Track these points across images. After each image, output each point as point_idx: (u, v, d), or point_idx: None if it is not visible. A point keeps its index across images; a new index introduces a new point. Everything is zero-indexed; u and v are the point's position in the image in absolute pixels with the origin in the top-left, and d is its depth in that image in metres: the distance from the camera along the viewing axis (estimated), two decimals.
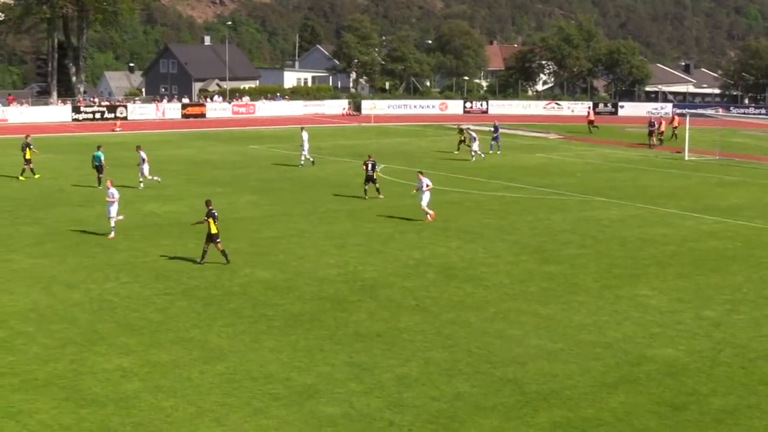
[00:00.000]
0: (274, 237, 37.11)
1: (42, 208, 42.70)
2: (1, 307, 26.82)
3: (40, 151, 54.78)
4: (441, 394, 20.67)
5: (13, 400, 19.92)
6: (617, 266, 33.06)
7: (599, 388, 21.23)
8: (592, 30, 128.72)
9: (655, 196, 48.96)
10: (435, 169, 58.20)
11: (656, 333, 25.41)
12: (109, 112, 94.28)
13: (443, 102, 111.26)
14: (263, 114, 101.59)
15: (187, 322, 25.69)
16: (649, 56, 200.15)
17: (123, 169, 54.39)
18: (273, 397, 20.29)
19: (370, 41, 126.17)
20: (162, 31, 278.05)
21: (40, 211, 41.91)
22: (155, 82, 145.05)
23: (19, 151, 52.57)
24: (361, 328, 25.30)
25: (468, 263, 33.14)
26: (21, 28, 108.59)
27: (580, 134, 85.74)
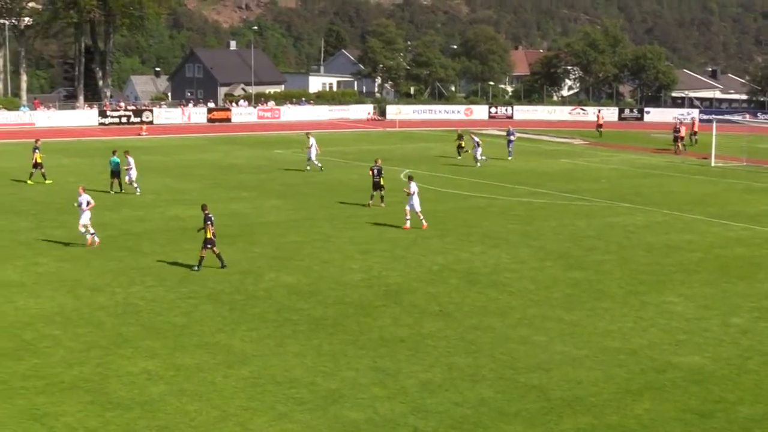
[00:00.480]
0: (299, 241, 37.16)
1: (68, 212, 42.81)
2: (28, 310, 26.96)
3: (66, 155, 55.08)
4: (464, 399, 20.63)
5: (39, 402, 20.01)
6: (643, 273, 32.90)
7: (624, 395, 21.13)
8: (618, 35, 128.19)
9: (681, 203, 48.72)
10: (459, 174, 58.21)
11: (682, 340, 25.28)
12: (135, 116, 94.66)
13: (468, 107, 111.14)
14: (288, 118, 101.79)
15: (212, 326, 25.74)
16: (675, 62, 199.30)
17: (149, 174, 54.64)
18: (297, 402, 20.30)
19: (395, 46, 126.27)
20: (188, 35, 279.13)
21: (66, 215, 42.06)
22: (181, 86, 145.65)
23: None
24: (384, 334, 25.28)
25: (492, 269, 33.07)
26: (49, 32, 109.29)
27: (606, 140, 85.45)
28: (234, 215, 42.65)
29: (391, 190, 45.99)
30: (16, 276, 30.79)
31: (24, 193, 47.84)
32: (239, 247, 35.64)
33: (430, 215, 43.35)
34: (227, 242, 36.39)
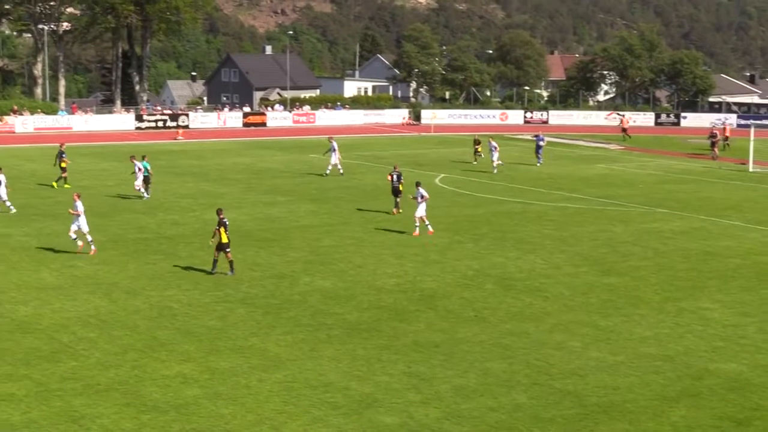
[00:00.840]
0: (333, 246, 37.20)
1: (104, 215, 43.14)
2: (64, 312, 27.15)
3: (104, 159, 55.46)
4: (499, 405, 20.57)
5: (76, 404, 20.14)
6: (679, 279, 32.69)
7: (660, 401, 20.99)
8: (654, 40, 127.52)
9: (718, 208, 48.38)
10: (494, 179, 58.09)
11: (719, 347, 25.09)
12: (171, 120, 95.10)
13: (504, 112, 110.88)
14: (323, 123, 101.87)
15: (246, 329, 25.81)
16: (712, 66, 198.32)
17: (184, 177, 54.97)
18: (332, 406, 20.31)
19: (430, 51, 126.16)
20: (224, 40, 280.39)
21: (102, 218, 42.34)
22: (217, 91, 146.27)
23: (79, 159, 53.19)
24: (419, 338, 25.25)
25: (527, 274, 32.97)
26: (86, 37, 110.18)
27: (642, 145, 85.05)
28: (269, 219, 42.78)
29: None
30: (52, 279, 31.01)
31: (60, 197, 48.11)
32: (274, 251, 35.73)
33: (465, 220, 43.35)
34: (262, 246, 36.55)
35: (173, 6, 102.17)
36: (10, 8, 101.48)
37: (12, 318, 26.48)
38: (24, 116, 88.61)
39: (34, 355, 23.31)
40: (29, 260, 33.51)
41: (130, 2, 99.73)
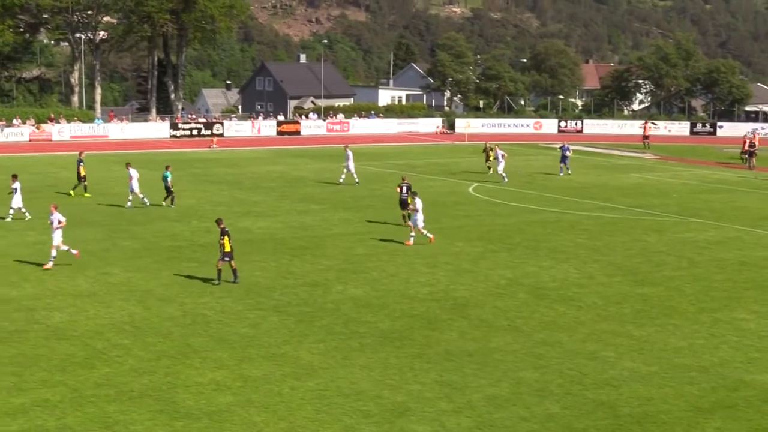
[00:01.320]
0: (366, 254, 37.22)
1: (138, 223, 43.41)
2: (98, 319, 27.31)
3: (138, 167, 55.59)
4: (532, 414, 20.50)
5: (110, 411, 20.24)
6: (715, 289, 32.46)
7: (695, 413, 20.84)
8: (690, 49, 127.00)
9: (755, 218, 48.04)
10: (527, 188, 57.97)
11: (755, 358, 24.88)
12: (206, 129, 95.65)
13: (538, 121, 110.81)
14: (357, 131, 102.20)
15: (279, 337, 25.85)
16: (749, 75, 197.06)
17: (219, 186, 55.17)
18: (364, 414, 20.31)
19: (464, 59, 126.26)
20: (258, 49, 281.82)
21: (136, 226, 42.62)
22: (251, 99, 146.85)
23: (114, 167, 53.38)
24: (451, 347, 25.21)
25: (560, 283, 32.86)
26: (123, 46, 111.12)
27: (677, 154, 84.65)
28: (303, 227, 42.87)
29: (450, 205, 45.83)
30: (87, 286, 31.22)
31: (94, 204, 48.48)
32: (307, 259, 35.80)
33: (498, 229, 43.24)
34: (296, 254, 36.63)
35: (208, 15, 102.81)
36: (48, 17, 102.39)
37: (47, 324, 26.68)
38: (61, 124, 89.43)
39: (69, 361, 23.46)
40: (64, 267, 33.74)
41: (166, 11, 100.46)
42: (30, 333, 25.83)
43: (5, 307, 28.41)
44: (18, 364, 23.12)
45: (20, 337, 25.39)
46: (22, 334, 25.74)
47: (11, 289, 30.57)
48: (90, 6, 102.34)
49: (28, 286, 31.04)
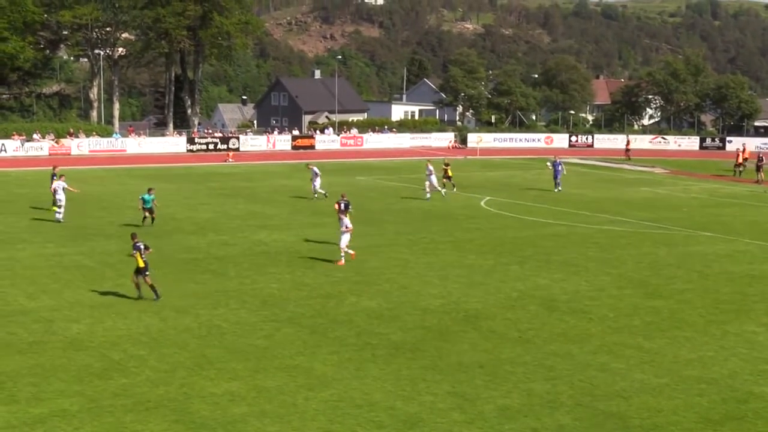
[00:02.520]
0: (379, 267, 37.21)
1: (155, 236, 43.41)
2: (115, 330, 27.34)
3: (156, 181, 55.85)
4: (542, 426, 20.43)
5: (126, 421, 20.25)
6: (724, 302, 32.35)
7: (705, 424, 20.75)
8: (700, 65, 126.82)
9: (764, 232, 47.87)
10: (538, 202, 57.91)
11: (765, 370, 24.77)
12: (222, 143, 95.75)
13: (549, 135, 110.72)
14: (371, 146, 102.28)
15: (293, 349, 25.84)
16: (758, 91, 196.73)
17: (235, 199, 55.19)
18: (377, 425, 20.27)
19: (476, 75, 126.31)
20: (274, 64, 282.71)
21: (153, 239, 42.54)
22: (266, 114, 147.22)
23: (132, 181, 53.33)
24: (463, 359, 25.17)
25: (571, 296, 32.79)
26: (140, 62, 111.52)
27: (687, 168, 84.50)
28: (316, 240, 42.89)
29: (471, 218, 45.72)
30: (104, 297, 31.25)
31: (111, 217, 48.59)
32: (321, 272, 35.81)
33: (510, 242, 43.18)
34: (309, 266, 36.64)
35: (224, 31, 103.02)
36: (68, 34, 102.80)
37: (65, 335, 26.73)
38: (80, 138, 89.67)
39: (86, 371, 23.49)
40: (82, 279, 33.82)
41: (183, 28, 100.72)
42: (48, 344, 25.89)
43: (24, 318, 28.49)
44: (36, 375, 23.17)
45: (38, 348, 25.45)
46: (41, 344, 25.80)
47: (30, 300, 30.66)
48: (109, 23, 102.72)
49: (45, 297, 31.11)
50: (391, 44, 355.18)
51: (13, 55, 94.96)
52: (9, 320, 28.21)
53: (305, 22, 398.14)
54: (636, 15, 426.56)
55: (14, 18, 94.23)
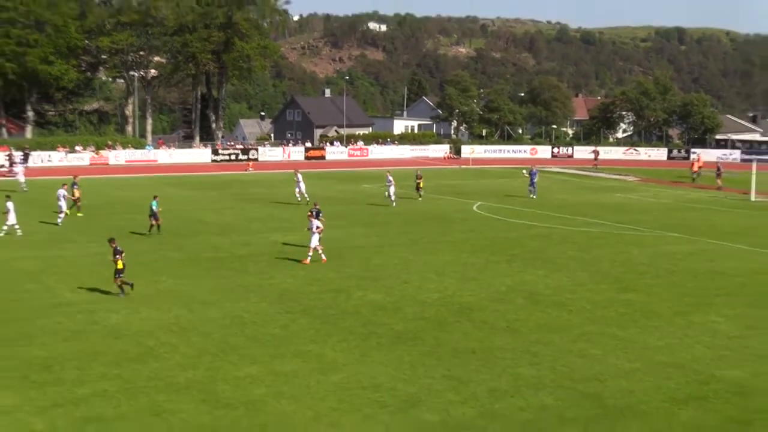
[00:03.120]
0: (383, 264, 37.24)
1: (183, 236, 43.55)
2: (149, 320, 27.41)
3: (184, 188, 55.89)
4: (528, 405, 20.48)
5: (159, 400, 20.31)
6: (689, 295, 32.36)
7: (671, 403, 20.79)
8: (667, 84, 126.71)
9: (724, 233, 47.86)
10: (525, 206, 57.90)
11: (725, 355, 24.80)
12: (242, 154, 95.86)
13: (533, 147, 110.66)
14: (375, 157, 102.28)
15: (306, 337, 25.88)
16: (719, 108, 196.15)
17: (255, 204, 55.24)
18: (380, 405, 20.32)
19: (469, 93, 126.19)
20: (289, 84, 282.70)
21: (182, 239, 42.75)
22: (282, 128, 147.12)
23: (164, 188, 53.35)
24: (458, 346, 25.20)
25: (553, 290, 32.80)
26: (171, 82, 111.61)
27: (657, 177, 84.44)
28: (327, 241, 42.78)
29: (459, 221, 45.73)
30: (139, 291, 31.28)
31: (144, 220, 48.56)
32: (332, 268, 35.84)
33: (499, 242, 43.19)
34: (321, 264, 36.65)
35: (245, 55, 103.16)
36: (106, 58, 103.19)
37: (105, 325, 26.80)
38: (116, 150, 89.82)
39: (124, 357, 23.56)
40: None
41: (209, 52, 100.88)
42: (90, 332, 25.97)
43: (69, 309, 28.57)
44: (80, 359, 23.25)
45: (82, 336, 25.53)
46: (84, 333, 25.88)
47: (74, 293, 30.74)
48: (142, 47, 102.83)
49: (88, 291, 31.18)
50: (393, 66, 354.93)
51: (59, 76, 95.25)
52: (56, 311, 28.31)
53: (317, 46, 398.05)
54: (611, 40, 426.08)
55: (59, 44, 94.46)
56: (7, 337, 25.37)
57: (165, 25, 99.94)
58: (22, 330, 26.11)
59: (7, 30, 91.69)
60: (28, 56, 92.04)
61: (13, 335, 25.55)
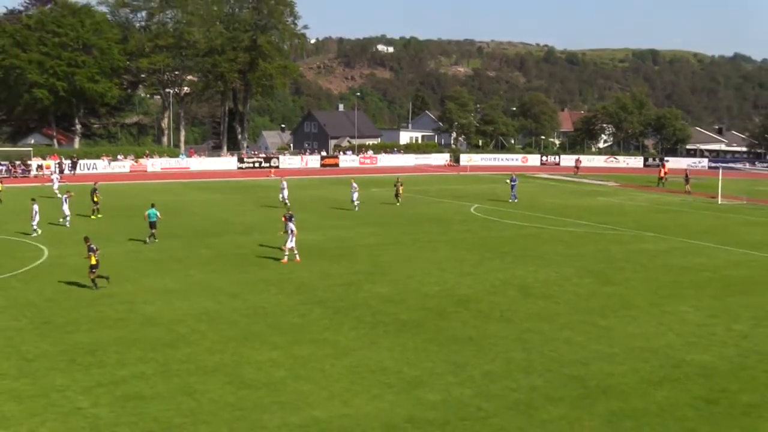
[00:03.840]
0: (389, 260, 37.16)
1: (212, 235, 43.54)
2: (182, 310, 27.40)
3: (213, 192, 55.87)
4: (519, 386, 20.41)
5: (190, 381, 20.29)
6: (663, 288, 32.24)
7: (647, 384, 20.70)
8: (643, 100, 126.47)
9: (693, 233, 47.70)
10: (516, 209, 57.77)
11: (693, 342, 24.69)
12: (265, 162, 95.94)
13: (524, 156, 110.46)
14: (383, 164, 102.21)
15: (321, 325, 25.84)
16: (689, 121, 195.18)
17: (273, 207, 55.21)
18: (387, 386, 20.26)
19: (467, 108, 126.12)
20: (306, 99, 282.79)
21: (210, 238, 42.75)
22: (300, 139, 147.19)
23: (194, 192, 53.27)
24: (456, 333, 25.14)
25: (542, 284, 32.71)
26: (201, 98, 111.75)
27: (633, 182, 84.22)
28: (340, 239, 42.88)
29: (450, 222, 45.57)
30: (173, 284, 31.34)
31: (177, 220, 48.60)
32: (343, 264, 35.79)
33: (494, 240, 43.09)
34: (334, 260, 36.62)
35: (268, 73, 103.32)
36: (145, 77, 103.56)
37: (142, 314, 26.80)
38: (153, 159, 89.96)
39: (159, 342, 23.55)
40: (155, 270, 33.89)
41: (236, 71, 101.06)
42: (129, 320, 25.97)
43: (110, 300, 28.57)
44: (120, 345, 23.25)
45: (122, 324, 25.53)
46: (123, 321, 25.88)
47: (115, 286, 30.72)
48: (177, 68, 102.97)
49: (128, 284, 31.18)
50: (399, 83, 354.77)
51: (103, 93, 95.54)
52: (99, 302, 28.31)
53: (331, 66, 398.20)
54: (593, 61, 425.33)
55: (104, 65, 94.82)
56: (57, 324, 25.40)
57: (197, 47, 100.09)
58: (69, 318, 26.13)
59: (59, 53, 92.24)
60: (77, 76, 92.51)
61: (62, 322, 25.57)
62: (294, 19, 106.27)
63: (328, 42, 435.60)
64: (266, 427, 17.66)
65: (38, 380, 20.27)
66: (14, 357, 22.11)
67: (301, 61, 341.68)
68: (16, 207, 53.71)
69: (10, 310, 27.03)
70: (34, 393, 19.40)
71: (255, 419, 18.06)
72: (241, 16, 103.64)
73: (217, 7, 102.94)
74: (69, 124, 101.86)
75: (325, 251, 39.05)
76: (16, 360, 21.85)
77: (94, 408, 18.54)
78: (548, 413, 18.74)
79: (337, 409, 18.78)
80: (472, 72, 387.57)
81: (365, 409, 18.77)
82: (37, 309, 27.26)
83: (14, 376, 20.59)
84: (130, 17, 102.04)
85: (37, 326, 25.17)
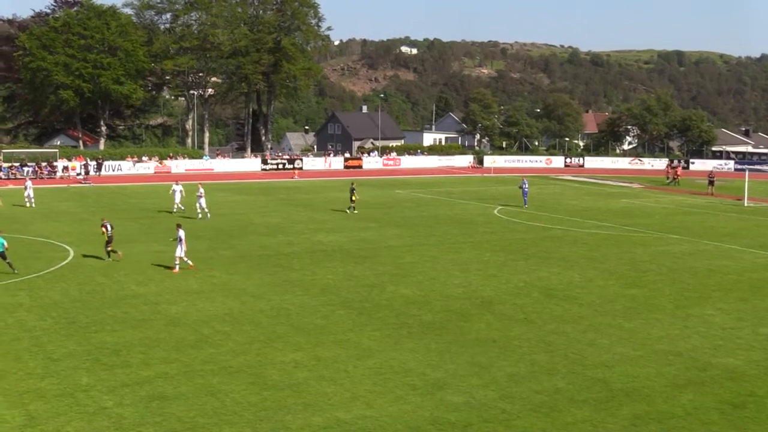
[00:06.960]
0: (413, 262, 37.15)
1: (235, 237, 43.70)
2: (205, 311, 27.51)
3: (237, 193, 55.97)
4: (543, 388, 20.32)
5: (213, 381, 20.36)
6: (688, 290, 32.02)
7: (672, 388, 20.55)
8: (668, 102, 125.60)
9: (719, 235, 47.33)
10: (540, 211, 57.55)
11: (719, 345, 24.50)
12: (289, 163, 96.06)
13: (548, 158, 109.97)
14: (407, 166, 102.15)
15: (344, 326, 25.86)
16: (715, 123, 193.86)
17: (298, 208, 55.27)
18: (411, 387, 20.24)
19: (491, 110, 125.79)
20: (330, 101, 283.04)
21: (234, 239, 42.90)
22: (324, 140, 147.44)
23: (218, 193, 53.42)
24: (480, 335, 25.08)
25: (566, 286, 32.57)
26: (225, 99, 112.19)
27: (658, 184, 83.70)
28: (364, 241, 42.91)
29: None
30: (196, 285, 31.47)
31: (201, 222, 48.84)
32: (367, 266, 35.80)
33: (517, 242, 42.94)
34: (358, 261, 36.66)
35: (292, 75, 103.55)
36: (170, 79, 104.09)
37: (166, 315, 26.93)
38: (178, 160, 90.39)
39: (183, 343, 23.66)
40: (180, 271, 34.03)
41: (259, 73, 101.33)
42: (153, 321, 26.10)
43: (135, 301, 28.74)
44: (144, 345, 23.37)
45: (146, 324, 25.67)
46: (148, 322, 26.02)
47: (140, 287, 30.93)
48: (201, 70, 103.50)
49: (152, 285, 31.37)
50: (423, 85, 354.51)
51: (128, 95, 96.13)
52: (124, 302, 28.49)
53: (355, 68, 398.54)
54: (618, 62, 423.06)
55: (129, 67, 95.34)
56: (82, 324, 25.58)
57: (221, 49, 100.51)
58: (94, 318, 26.31)
59: (85, 55, 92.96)
60: (102, 77, 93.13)
61: (88, 322, 25.75)
62: (318, 20, 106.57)
63: (352, 43, 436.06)
64: (289, 428, 17.69)
65: (64, 380, 20.43)
66: (40, 356, 22.30)
67: (325, 63, 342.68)
68: (42, 208, 54.15)
69: (36, 310, 27.28)
70: (59, 392, 19.55)
71: (278, 420, 18.09)
72: (265, 18, 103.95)
73: (241, 9, 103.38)
74: (94, 125, 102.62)
75: (348, 252, 39.09)
76: (42, 359, 22.04)
77: (119, 408, 18.65)
78: (572, 416, 18.65)
79: (360, 410, 18.78)
80: (496, 73, 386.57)
81: (388, 411, 18.75)
82: (62, 309, 27.48)
83: (40, 375, 20.77)
84: (155, 19, 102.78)
85: (62, 326, 25.37)
